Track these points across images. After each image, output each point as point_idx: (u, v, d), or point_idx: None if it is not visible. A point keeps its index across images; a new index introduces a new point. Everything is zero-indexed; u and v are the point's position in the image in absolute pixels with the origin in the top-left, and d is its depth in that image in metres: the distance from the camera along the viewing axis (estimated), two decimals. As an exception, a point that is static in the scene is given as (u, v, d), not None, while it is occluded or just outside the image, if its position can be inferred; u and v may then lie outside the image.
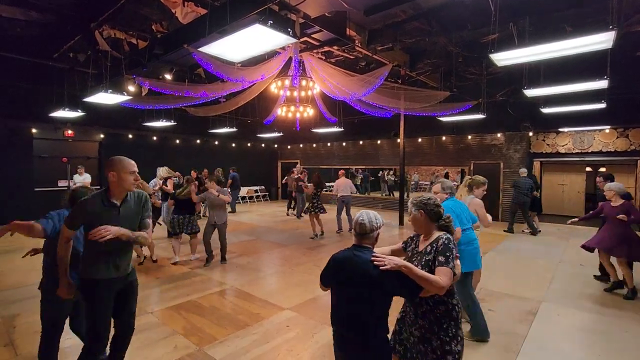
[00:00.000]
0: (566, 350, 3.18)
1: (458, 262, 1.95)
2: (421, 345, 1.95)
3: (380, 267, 1.74)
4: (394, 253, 2.13)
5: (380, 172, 16.76)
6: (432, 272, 1.84)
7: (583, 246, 4.82)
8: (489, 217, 3.65)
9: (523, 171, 8.59)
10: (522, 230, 8.59)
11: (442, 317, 1.92)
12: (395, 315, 2.15)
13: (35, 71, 7.82)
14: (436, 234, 1.99)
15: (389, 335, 1.93)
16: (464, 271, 2.86)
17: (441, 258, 1.85)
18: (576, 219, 5.02)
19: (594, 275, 5.16)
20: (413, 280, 1.76)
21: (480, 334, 3.27)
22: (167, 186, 7.28)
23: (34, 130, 9.85)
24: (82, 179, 9.39)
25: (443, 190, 3.26)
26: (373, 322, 1.77)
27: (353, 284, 1.78)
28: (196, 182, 6.19)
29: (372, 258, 1.78)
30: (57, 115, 8.12)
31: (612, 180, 4.85)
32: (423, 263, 1.92)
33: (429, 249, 1.95)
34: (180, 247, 6.01)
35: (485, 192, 3.84)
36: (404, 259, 1.98)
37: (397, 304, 2.04)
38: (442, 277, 1.78)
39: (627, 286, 4.45)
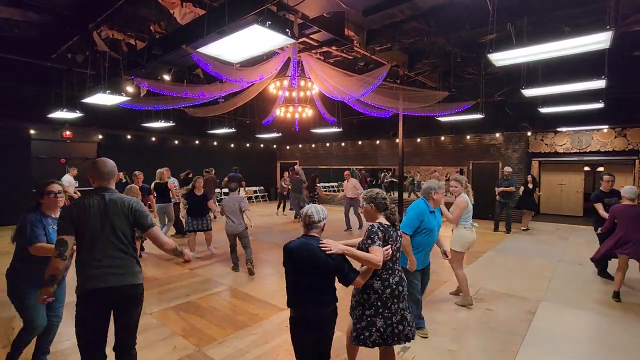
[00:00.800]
0: (565, 349, 3.19)
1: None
2: (352, 310, 2.38)
3: (327, 252, 2.07)
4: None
5: (383, 173, 16.87)
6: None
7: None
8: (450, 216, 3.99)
9: (508, 170, 8.68)
10: (521, 229, 8.63)
11: (367, 290, 2.29)
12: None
13: (33, 72, 7.80)
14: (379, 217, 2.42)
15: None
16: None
17: (369, 241, 2.23)
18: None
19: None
20: (350, 265, 2.15)
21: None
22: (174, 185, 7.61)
23: (32, 131, 9.84)
24: (68, 181, 8.63)
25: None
26: (321, 293, 2.13)
27: (305, 265, 2.10)
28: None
29: (320, 244, 2.10)
30: (55, 116, 8.10)
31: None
32: (362, 247, 2.29)
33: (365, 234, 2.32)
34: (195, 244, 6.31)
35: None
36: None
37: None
38: (376, 253, 2.14)
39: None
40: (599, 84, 5.39)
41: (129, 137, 11.94)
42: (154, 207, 6.96)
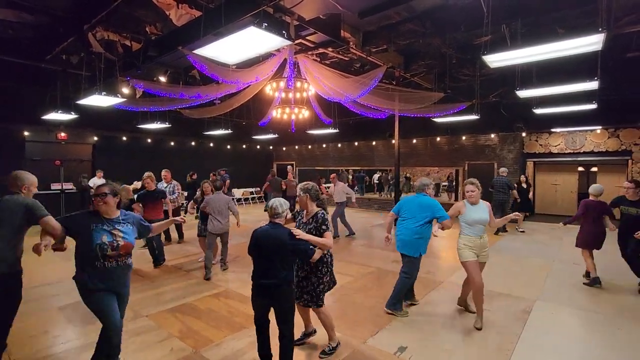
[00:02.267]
0: (560, 348, 3.22)
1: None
2: (303, 282, 2.98)
3: (296, 236, 2.63)
4: (287, 221, 2.93)
5: (382, 173, 17.01)
6: (319, 237, 2.84)
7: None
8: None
9: (503, 170, 8.72)
10: (516, 229, 8.68)
11: (318, 262, 2.91)
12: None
13: (28, 73, 7.75)
14: (315, 209, 2.96)
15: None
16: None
17: (324, 226, 2.86)
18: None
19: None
20: (309, 246, 2.67)
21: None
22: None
23: (26, 133, 9.76)
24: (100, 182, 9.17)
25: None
26: (283, 272, 2.60)
27: (270, 248, 2.59)
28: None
29: (293, 231, 2.66)
30: (49, 117, 8.04)
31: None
32: (307, 230, 2.87)
33: (310, 220, 2.92)
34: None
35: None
36: (295, 226, 2.98)
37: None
38: (329, 237, 2.84)
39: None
40: (592, 85, 5.45)
41: (124, 138, 11.88)
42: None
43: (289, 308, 2.67)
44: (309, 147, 15.74)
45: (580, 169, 11.96)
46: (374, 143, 13.58)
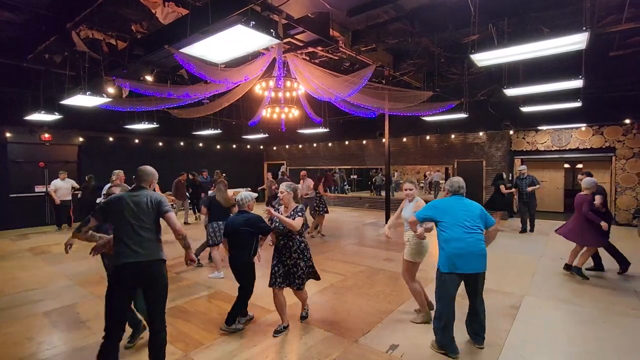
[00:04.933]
0: (548, 342, 3.27)
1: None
2: (293, 269, 3.40)
3: (269, 215, 3.35)
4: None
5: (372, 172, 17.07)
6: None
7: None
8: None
9: (523, 168, 8.56)
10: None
11: (305, 247, 3.48)
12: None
13: (9, 72, 7.53)
14: (294, 205, 3.49)
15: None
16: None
17: (299, 214, 3.39)
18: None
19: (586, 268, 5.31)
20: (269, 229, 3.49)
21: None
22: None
23: (7, 134, 9.49)
24: (64, 184, 9.18)
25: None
26: (249, 246, 3.48)
27: (242, 229, 3.45)
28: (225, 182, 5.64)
29: (267, 209, 3.41)
30: (32, 118, 7.84)
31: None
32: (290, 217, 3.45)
33: (291, 213, 3.41)
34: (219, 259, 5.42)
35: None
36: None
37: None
38: (298, 220, 3.32)
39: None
40: (577, 83, 5.56)
41: (111, 139, 11.66)
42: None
43: (248, 279, 3.59)
44: (300, 146, 15.70)
45: (566, 165, 12.20)
46: (364, 142, 13.61)
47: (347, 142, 14.16)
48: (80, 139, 10.93)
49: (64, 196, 9.16)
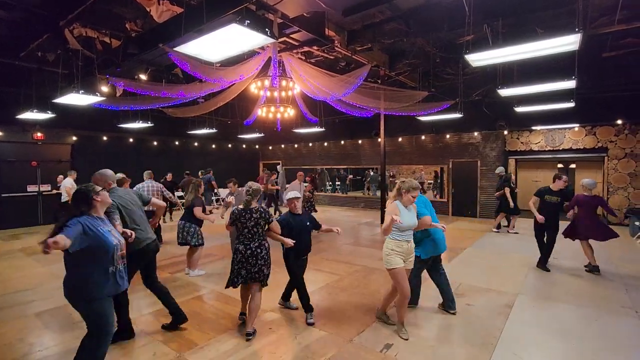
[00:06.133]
0: (541, 340, 3.30)
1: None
2: (265, 269, 3.45)
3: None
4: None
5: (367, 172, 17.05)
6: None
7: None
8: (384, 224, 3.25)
9: (500, 169, 8.76)
10: (508, 231, 8.50)
11: (268, 249, 3.54)
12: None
13: (0, 71, 7.43)
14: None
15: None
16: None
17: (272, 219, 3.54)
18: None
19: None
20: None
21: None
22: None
23: (-1, 133, 9.38)
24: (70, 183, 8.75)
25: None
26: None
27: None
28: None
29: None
30: (24, 117, 7.74)
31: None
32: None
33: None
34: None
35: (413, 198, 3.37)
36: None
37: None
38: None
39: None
40: (570, 84, 5.61)
41: (105, 138, 11.57)
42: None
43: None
44: (295, 146, 15.69)
45: (560, 165, 12.30)
46: (360, 142, 13.63)
47: (342, 142, 14.17)
48: (74, 138, 10.83)
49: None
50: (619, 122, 8.97)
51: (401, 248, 3.28)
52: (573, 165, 12.26)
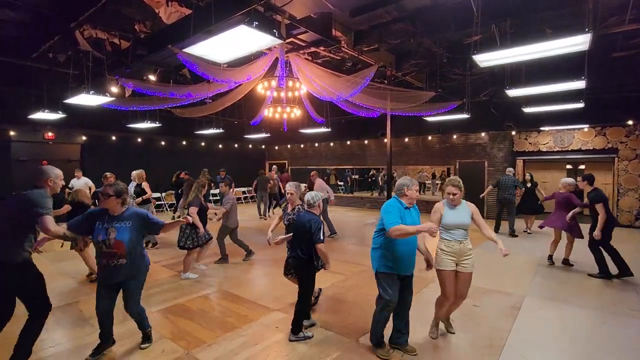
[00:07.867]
0: (549, 342, 3.28)
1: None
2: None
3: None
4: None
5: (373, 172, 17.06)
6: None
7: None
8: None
9: (510, 170, 8.58)
10: (524, 231, 8.40)
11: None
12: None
13: (13, 72, 7.58)
14: (298, 203, 3.81)
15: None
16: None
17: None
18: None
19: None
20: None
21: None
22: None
23: (12, 133, 9.56)
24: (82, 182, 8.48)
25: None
26: (308, 245, 3.29)
27: (301, 230, 3.33)
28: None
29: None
30: (36, 117, 7.88)
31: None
32: (288, 218, 3.82)
33: (294, 211, 3.77)
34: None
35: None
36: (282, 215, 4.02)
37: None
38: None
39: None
40: (579, 84, 5.55)
41: (113, 138, 11.72)
42: None
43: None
44: (302, 146, 15.73)
45: (569, 166, 12.16)
46: (366, 142, 13.62)
47: (348, 142, 14.17)
48: (84, 138, 11.00)
49: None
50: (630, 122, 8.85)
51: (450, 248, 3.11)
52: (582, 166, 12.10)
